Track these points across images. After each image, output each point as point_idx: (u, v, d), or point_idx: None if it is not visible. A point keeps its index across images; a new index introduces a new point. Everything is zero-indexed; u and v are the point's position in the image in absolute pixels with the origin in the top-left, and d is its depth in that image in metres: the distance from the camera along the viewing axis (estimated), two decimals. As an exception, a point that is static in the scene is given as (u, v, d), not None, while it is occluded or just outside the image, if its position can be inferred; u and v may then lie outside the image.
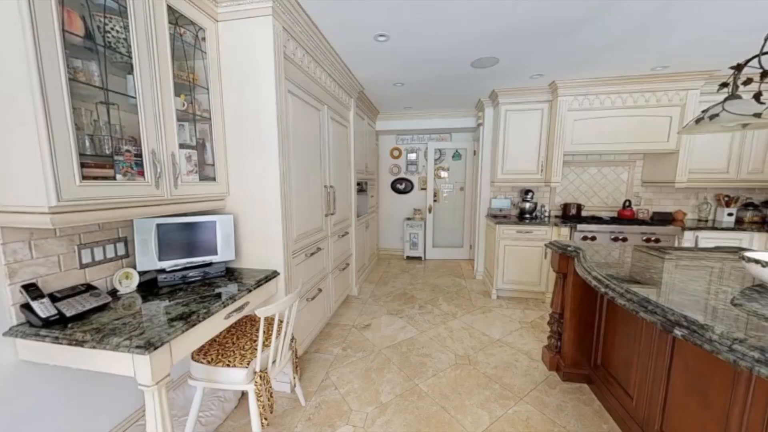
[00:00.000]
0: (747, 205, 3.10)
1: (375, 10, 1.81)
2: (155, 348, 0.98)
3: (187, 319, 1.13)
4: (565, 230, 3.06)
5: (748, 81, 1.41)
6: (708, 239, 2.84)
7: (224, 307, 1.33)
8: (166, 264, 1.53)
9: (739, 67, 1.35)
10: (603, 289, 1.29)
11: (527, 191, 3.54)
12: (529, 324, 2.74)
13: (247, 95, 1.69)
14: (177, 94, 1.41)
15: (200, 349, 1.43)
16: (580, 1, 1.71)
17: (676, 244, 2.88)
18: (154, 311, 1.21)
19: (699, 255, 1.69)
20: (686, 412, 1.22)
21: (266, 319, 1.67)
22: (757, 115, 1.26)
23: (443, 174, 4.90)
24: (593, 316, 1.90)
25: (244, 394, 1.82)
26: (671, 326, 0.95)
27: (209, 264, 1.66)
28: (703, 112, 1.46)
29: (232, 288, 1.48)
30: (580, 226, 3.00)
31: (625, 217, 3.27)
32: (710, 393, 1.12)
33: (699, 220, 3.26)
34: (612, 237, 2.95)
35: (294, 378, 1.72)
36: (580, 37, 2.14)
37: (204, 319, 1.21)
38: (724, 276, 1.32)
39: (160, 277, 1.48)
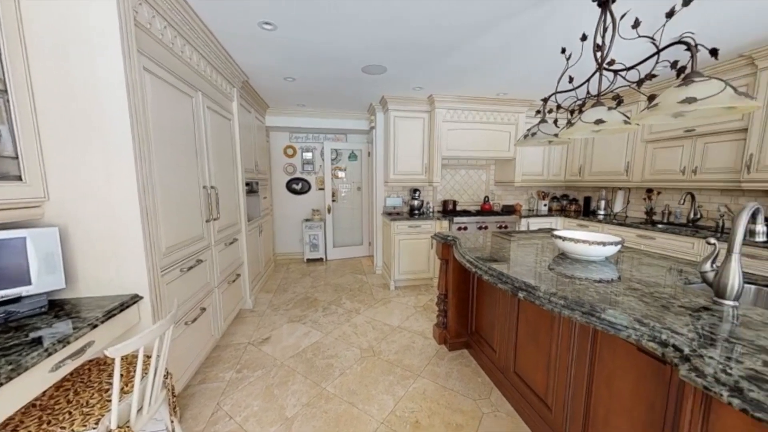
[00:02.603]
0: (553, 198, 4.41)
1: (258, -7, 1.66)
2: None
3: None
4: (445, 223, 3.60)
5: (551, 110, 2.01)
6: (535, 223, 3.89)
7: (49, 355, 0.96)
8: None
9: (545, 100, 1.89)
10: (474, 269, 1.58)
11: (415, 190, 3.98)
12: (422, 307, 3.10)
13: (75, 65, 1.26)
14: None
15: (4, 425, 0.99)
16: (449, 31, 2.03)
17: (517, 229, 3.81)
18: None
19: (530, 236, 2.29)
20: (528, 354, 1.64)
21: (125, 358, 1.31)
22: (556, 135, 1.80)
23: (341, 174, 4.96)
24: (468, 293, 2.32)
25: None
26: (516, 291, 1.26)
27: (17, 299, 1.17)
28: (528, 130, 1.98)
29: (63, 327, 1.09)
30: (456, 219, 3.59)
31: (485, 209, 4.11)
32: (540, 336, 1.54)
33: (529, 210, 4.41)
34: (478, 226, 3.66)
35: (172, 422, 1.40)
36: (450, 60, 2.55)
37: (5, 382, 0.84)
38: (544, 249, 1.84)
39: None
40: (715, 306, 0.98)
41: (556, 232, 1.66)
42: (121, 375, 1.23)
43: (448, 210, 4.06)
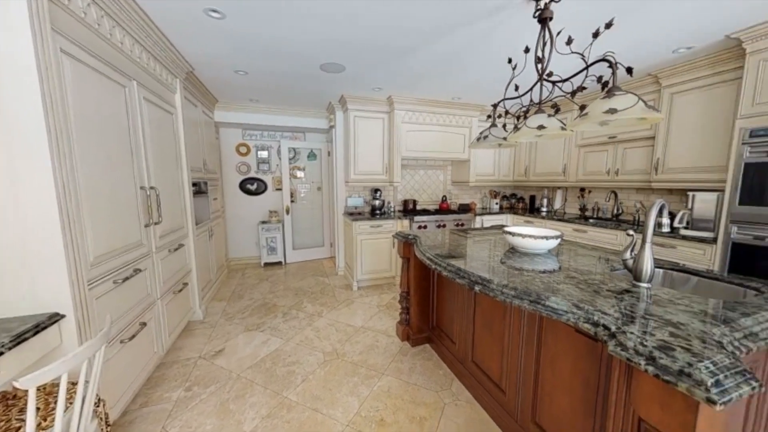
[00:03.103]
0: (503, 197, 4.76)
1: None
2: None
3: None
4: (406, 222, 3.68)
5: (500, 116, 2.16)
6: (488, 221, 4.16)
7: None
8: None
9: (495, 106, 2.03)
10: (434, 266, 1.64)
11: (376, 190, 4.01)
12: (385, 306, 3.13)
13: (-34, 42, 1.04)
14: None
15: None
16: (405, 33, 2.08)
17: (472, 226, 4.03)
18: None
19: (484, 232, 2.45)
20: (484, 343, 1.75)
21: (42, 388, 1.12)
22: (504, 139, 1.94)
23: (299, 174, 4.80)
24: (429, 289, 2.40)
25: None
26: (473, 284, 1.33)
27: None
28: (480, 133, 2.11)
29: (-46, 358, 0.89)
30: (416, 218, 3.68)
31: (443, 208, 4.29)
32: (494, 326, 1.65)
33: (483, 208, 4.70)
34: (437, 225, 3.80)
35: (106, 454, 1.23)
36: (407, 63, 2.61)
37: None
38: (497, 245, 1.97)
39: None
40: (634, 288, 1.15)
41: (506, 229, 1.79)
42: (38, 408, 1.05)
43: (409, 209, 4.16)
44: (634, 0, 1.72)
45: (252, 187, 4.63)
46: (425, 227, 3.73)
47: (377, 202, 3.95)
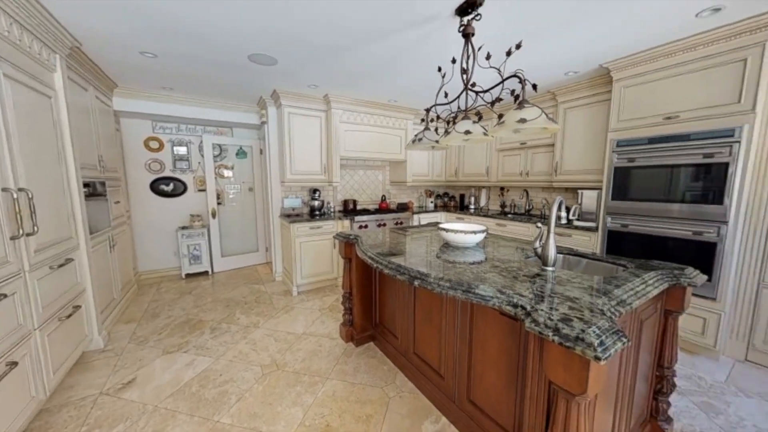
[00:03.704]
0: (437, 196, 5.11)
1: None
2: None
3: None
4: (347, 222, 3.66)
5: (432, 120, 2.30)
6: (425, 219, 4.40)
7: None
8: None
9: (428, 110, 2.16)
10: (375, 265, 1.67)
11: (315, 190, 3.89)
12: (327, 309, 3.06)
13: None
14: None
15: None
16: (340, 32, 2.06)
17: (411, 224, 4.23)
18: None
19: (421, 230, 2.59)
20: (424, 334, 1.85)
21: None
22: (437, 142, 2.08)
23: (227, 173, 4.36)
24: (371, 287, 2.43)
25: None
26: (413, 279, 1.40)
27: None
28: (415, 136, 2.22)
29: None
30: (357, 218, 3.69)
31: (383, 208, 4.39)
32: (433, 317, 1.76)
33: (419, 207, 4.96)
34: (377, 224, 3.87)
35: None
36: (344, 62, 2.59)
37: None
38: (433, 241, 2.10)
39: None
40: (542, 272, 1.35)
41: (440, 226, 1.93)
42: None
43: (349, 209, 4.14)
44: (537, 29, 2.02)
45: (167, 188, 4.02)
46: (366, 227, 3.76)
47: (316, 203, 3.83)
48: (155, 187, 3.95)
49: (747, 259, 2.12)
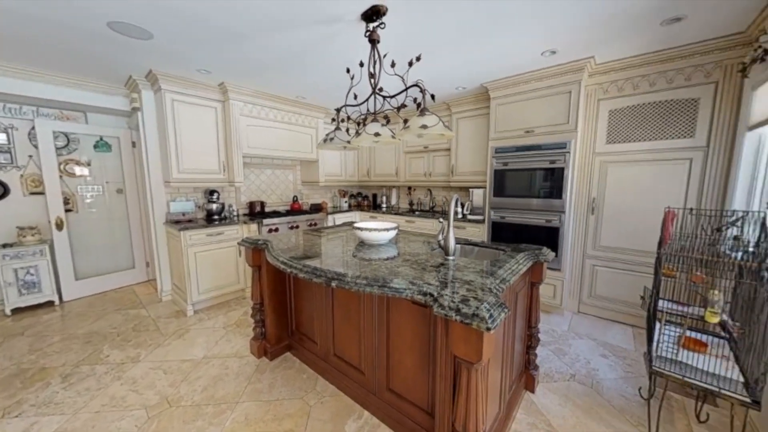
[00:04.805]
0: (351, 196, 5.17)
1: None
2: None
3: None
4: (254, 226, 3.33)
5: (343, 120, 2.31)
6: (339, 219, 4.39)
7: None
8: None
9: (338, 110, 2.16)
10: (289, 270, 1.57)
11: (212, 191, 3.39)
12: (234, 325, 2.72)
13: None
14: None
15: None
16: (234, 14, 1.84)
17: (325, 225, 4.14)
18: None
19: (336, 230, 2.57)
20: (344, 335, 1.85)
21: None
22: (348, 142, 2.10)
23: (81, 170, 3.37)
24: (285, 294, 2.28)
25: None
26: (330, 281, 1.37)
27: None
28: (327, 135, 2.19)
29: None
30: (265, 221, 3.40)
31: (295, 209, 4.17)
32: (351, 316, 1.78)
33: (334, 207, 4.92)
34: (289, 226, 3.65)
35: None
36: (244, 49, 2.33)
37: None
38: (348, 240, 2.12)
39: None
40: (445, 261, 1.53)
41: (355, 225, 1.96)
42: None
43: (256, 212, 3.78)
44: (432, 46, 2.27)
45: (-28, 190, 2.84)
46: (277, 230, 3.51)
47: (215, 206, 3.35)
48: (-53, 189, 2.73)
49: (575, 238, 2.92)
